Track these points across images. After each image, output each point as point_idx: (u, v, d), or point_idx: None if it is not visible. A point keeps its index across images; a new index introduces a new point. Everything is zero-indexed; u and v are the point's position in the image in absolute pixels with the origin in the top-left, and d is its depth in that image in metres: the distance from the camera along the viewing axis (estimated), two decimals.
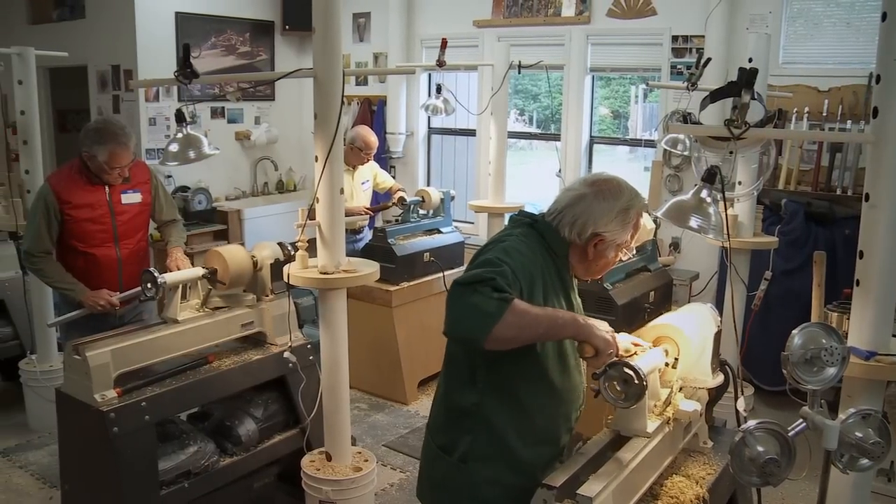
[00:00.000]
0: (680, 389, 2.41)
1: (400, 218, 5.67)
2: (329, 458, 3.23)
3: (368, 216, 5.74)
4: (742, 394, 2.55)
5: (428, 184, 7.66)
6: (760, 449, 1.82)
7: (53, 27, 7.85)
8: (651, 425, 2.22)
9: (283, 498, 3.70)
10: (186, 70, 2.86)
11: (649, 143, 6.44)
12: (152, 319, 3.63)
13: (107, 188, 3.78)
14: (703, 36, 5.75)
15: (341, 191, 3.05)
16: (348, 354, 3.20)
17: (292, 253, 3.36)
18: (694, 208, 2.39)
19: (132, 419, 2.95)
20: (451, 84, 6.86)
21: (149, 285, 3.25)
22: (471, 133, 7.47)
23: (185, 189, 7.15)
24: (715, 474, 2.37)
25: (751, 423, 1.85)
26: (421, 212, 5.72)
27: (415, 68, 6.96)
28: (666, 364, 2.34)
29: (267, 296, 3.58)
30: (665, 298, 4.39)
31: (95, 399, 2.93)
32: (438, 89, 5.63)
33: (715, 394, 2.57)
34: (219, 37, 7.59)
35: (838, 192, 5.19)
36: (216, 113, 7.72)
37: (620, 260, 2.24)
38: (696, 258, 5.98)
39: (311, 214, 3.06)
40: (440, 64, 5.02)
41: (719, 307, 3.05)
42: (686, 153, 4.95)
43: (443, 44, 5.04)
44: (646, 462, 2.16)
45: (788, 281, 5.09)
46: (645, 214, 2.30)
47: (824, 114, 5.27)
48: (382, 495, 4.11)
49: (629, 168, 6.86)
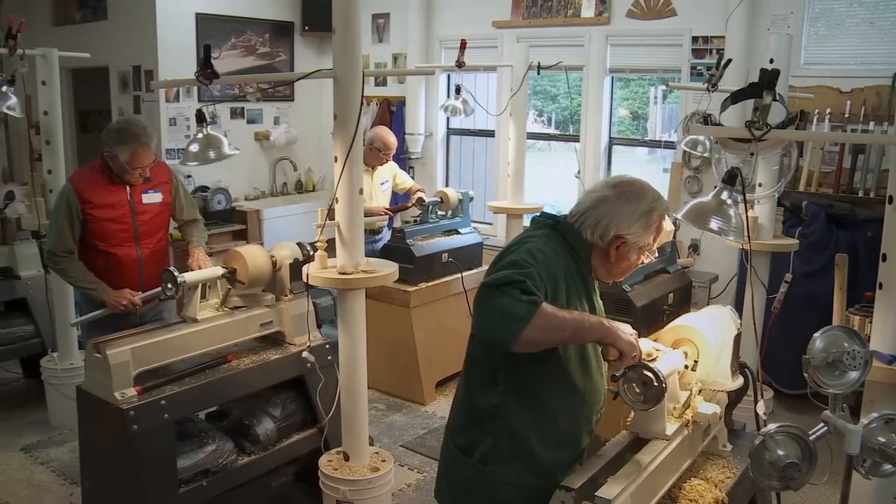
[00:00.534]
0: (699, 392, 2.40)
1: (418, 218, 5.67)
2: (346, 458, 3.23)
3: (387, 216, 5.74)
4: (762, 397, 2.53)
5: (446, 184, 7.67)
6: (781, 453, 1.81)
7: (76, 28, 7.93)
8: (670, 428, 2.21)
9: (301, 497, 3.70)
10: (207, 70, 2.88)
11: (668, 145, 6.41)
12: (172, 318, 3.65)
13: (128, 188, 3.81)
14: (724, 37, 5.72)
15: (360, 191, 3.05)
16: (366, 355, 3.20)
17: (311, 253, 3.37)
18: (714, 210, 2.38)
19: (151, 417, 2.97)
20: (470, 85, 6.88)
21: (168, 285, 3.26)
22: (489, 134, 7.47)
23: (205, 189, 7.19)
24: (734, 478, 2.36)
25: (771, 427, 1.83)
26: (439, 212, 5.72)
27: (434, 69, 6.96)
28: (685, 366, 2.33)
29: (286, 295, 3.59)
30: (684, 300, 4.36)
31: (115, 397, 2.95)
32: (458, 90, 5.63)
33: (734, 396, 2.55)
34: (238, 37, 7.63)
35: (860, 195, 5.14)
36: (236, 113, 7.77)
37: (642, 262, 2.23)
38: (716, 260, 5.94)
39: (331, 214, 3.07)
40: (459, 65, 5.01)
41: (738, 309, 3.03)
42: (706, 155, 4.92)
43: (462, 44, 5.03)
44: (664, 465, 2.15)
45: (809, 283, 5.05)
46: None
47: (846, 115, 5.23)
48: (399, 495, 4.11)
49: (648, 169, 6.83)
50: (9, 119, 8.40)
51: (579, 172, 6.20)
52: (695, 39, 5.95)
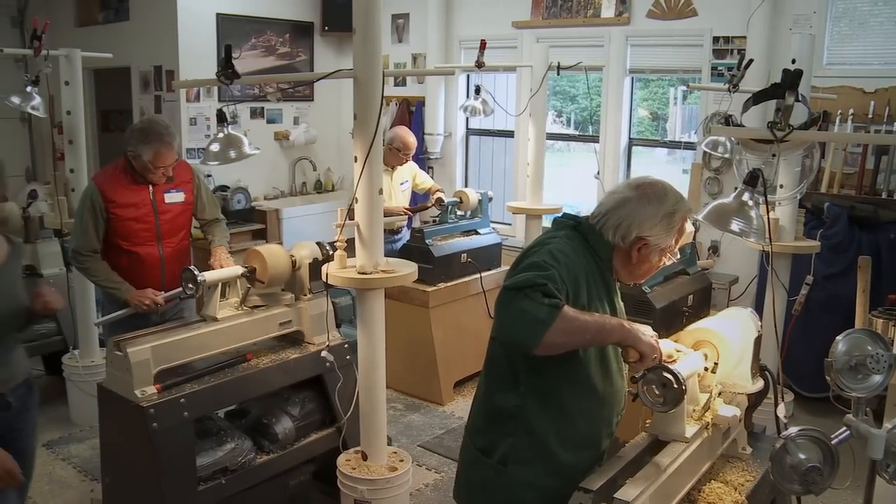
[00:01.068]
0: (719, 394, 2.39)
1: (438, 219, 5.67)
2: (365, 458, 3.24)
3: (407, 216, 5.75)
4: (782, 400, 2.51)
5: (466, 185, 7.66)
6: (802, 456, 1.79)
7: (99, 29, 7.99)
8: (689, 430, 2.20)
9: (319, 496, 3.72)
10: (228, 71, 2.89)
11: (688, 146, 6.38)
12: (192, 317, 3.67)
13: (150, 187, 3.83)
14: (745, 37, 5.68)
15: (380, 191, 3.06)
16: (385, 354, 3.21)
17: (331, 253, 3.38)
18: (735, 211, 2.36)
19: (171, 415, 2.99)
20: (490, 85, 6.87)
21: (189, 284, 3.28)
22: (509, 134, 7.46)
23: (225, 188, 7.22)
24: (754, 481, 2.34)
25: (792, 430, 1.82)
26: (459, 213, 5.72)
27: (454, 69, 6.96)
28: (705, 368, 2.32)
29: (305, 295, 3.60)
30: (704, 302, 4.34)
31: (136, 395, 2.97)
32: (477, 90, 5.63)
33: (754, 399, 2.54)
34: (259, 38, 7.67)
35: (883, 196, 5.09)
36: (256, 113, 7.80)
37: (664, 264, 2.22)
38: (736, 262, 5.91)
39: (350, 214, 3.07)
40: (479, 65, 5.01)
41: (758, 312, 3.02)
42: (726, 156, 4.89)
43: (482, 45, 5.03)
44: (684, 467, 2.14)
45: (830, 286, 5.01)
46: None
47: (870, 115, 5.18)
48: (417, 495, 4.11)
49: (667, 170, 6.79)
50: (32, 119, 8.49)
51: (598, 173, 6.19)
52: (716, 40, 5.91)
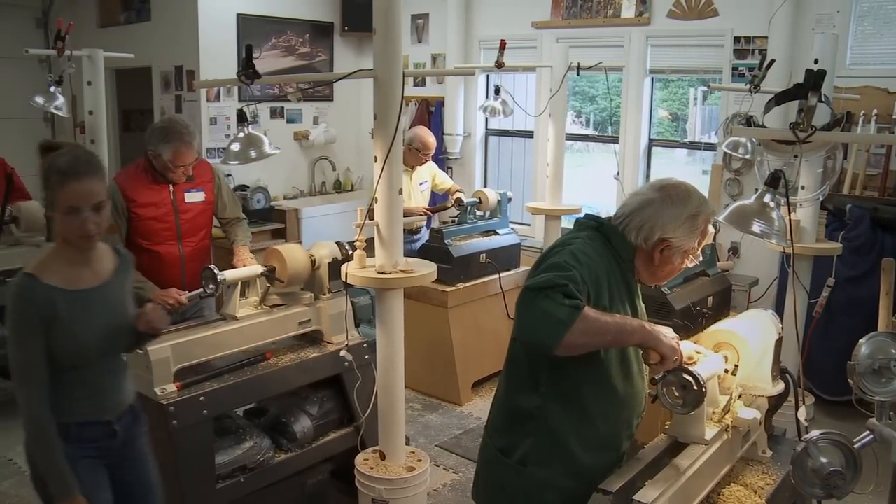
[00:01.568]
0: (739, 397, 2.37)
1: (457, 219, 5.67)
2: (383, 457, 3.24)
3: (426, 217, 5.76)
4: (803, 403, 2.49)
5: (485, 185, 7.65)
6: (824, 460, 1.78)
7: (120, 30, 8.05)
8: (709, 432, 2.19)
9: (336, 495, 3.73)
10: (249, 70, 2.91)
11: (708, 147, 6.35)
12: (212, 316, 3.69)
13: (171, 187, 3.85)
14: (766, 37, 5.64)
15: (400, 191, 3.06)
16: (403, 354, 3.21)
17: (350, 252, 3.39)
18: (757, 213, 2.35)
19: (191, 413, 3.01)
20: (509, 85, 6.86)
21: (209, 283, 3.30)
22: (528, 135, 7.45)
23: (245, 188, 7.26)
24: (774, 484, 2.33)
25: (814, 434, 1.81)
26: (478, 213, 5.72)
27: (474, 69, 6.95)
28: (725, 371, 2.31)
29: (324, 294, 3.61)
30: (723, 304, 4.31)
31: (156, 392, 2.99)
32: (497, 90, 5.63)
33: (775, 402, 2.52)
34: (279, 38, 7.70)
35: None
36: (275, 113, 7.84)
37: (687, 266, 2.21)
38: (756, 263, 5.87)
39: (370, 214, 3.08)
40: (499, 65, 5.01)
41: (778, 314, 2.99)
42: (747, 157, 4.86)
43: (501, 45, 5.03)
44: (703, 470, 2.13)
45: (852, 288, 4.96)
46: None
47: (894, 116, 5.13)
48: (435, 495, 4.12)
49: (687, 171, 6.75)
50: (55, 119, 8.57)
51: (618, 174, 6.18)
52: (737, 40, 5.87)
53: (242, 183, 7.36)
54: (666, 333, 2.03)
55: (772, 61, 4.43)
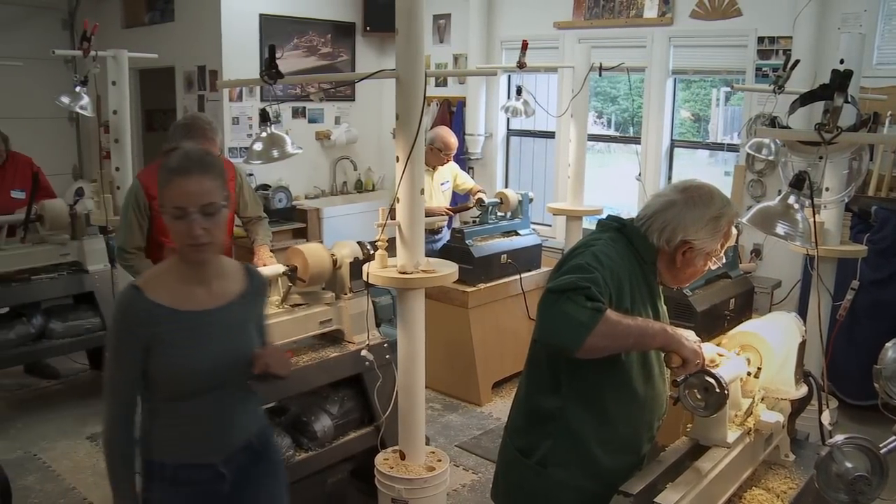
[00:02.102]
0: (762, 400, 2.35)
1: (478, 219, 5.67)
2: (403, 457, 3.25)
3: (448, 217, 5.76)
4: (827, 406, 2.47)
5: (506, 186, 7.64)
6: (849, 465, 1.76)
7: (144, 30, 8.12)
8: (731, 435, 2.17)
9: (356, 495, 3.74)
10: (272, 71, 2.93)
11: (731, 148, 6.30)
12: None
13: None
14: (791, 37, 5.59)
15: (421, 191, 3.06)
16: (424, 354, 3.21)
17: (371, 252, 3.40)
18: (781, 214, 2.34)
19: None
20: (531, 85, 6.85)
21: None
22: (550, 135, 7.43)
23: (266, 187, 7.30)
24: (797, 489, 2.31)
25: (839, 438, 1.79)
26: (499, 213, 5.71)
27: (496, 70, 6.94)
28: (748, 373, 2.29)
29: (345, 294, 3.62)
30: (745, 306, 4.29)
31: None
32: (519, 91, 5.62)
33: (798, 405, 2.50)
34: (301, 38, 7.74)
35: None
36: (297, 113, 7.87)
37: (709, 269, 2.20)
38: (779, 266, 5.82)
39: (392, 214, 3.09)
40: (521, 65, 5.00)
41: (801, 316, 2.97)
42: (770, 158, 4.82)
43: (523, 45, 5.02)
44: (725, 473, 2.11)
45: (877, 291, 4.91)
46: None
47: None
48: (454, 496, 4.11)
49: (709, 172, 6.71)
50: (80, 118, 8.66)
51: (640, 175, 6.14)
52: (760, 40, 5.83)
53: (264, 182, 7.40)
54: (688, 337, 2.02)
55: (796, 61, 4.39)
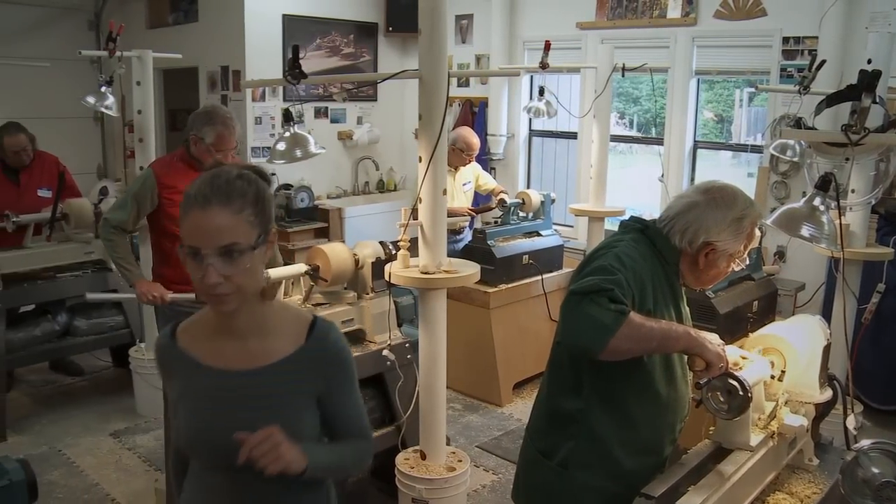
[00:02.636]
0: (785, 403, 2.34)
1: (500, 220, 5.67)
2: (423, 457, 3.25)
3: (470, 217, 5.76)
4: (852, 411, 2.44)
5: (528, 186, 7.63)
6: (876, 471, 1.75)
7: (169, 31, 8.18)
8: (754, 439, 2.16)
9: (376, 494, 3.74)
10: (295, 71, 2.94)
11: (755, 149, 6.25)
12: None
13: None
14: (817, 37, 5.54)
15: (444, 191, 3.07)
16: (445, 355, 3.21)
17: (393, 252, 3.40)
18: (806, 216, 2.32)
19: None
20: (553, 86, 6.83)
21: None
22: (572, 136, 7.41)
23: (289, 187, 7.33)
24: (821, 494, 2.28)
25: (865, 443, 1.78)
26: (521, 214, 5.71)
27: (519, 70, 6.94)
28: (772, 376, 2.27)
29: (367, 294, 3.62)
30: (769, 309, 4.25)
31: None
32: (541, 91, 5.61)
33: (822, 409, 2.47)
34: (323, 38, 7.77)
35: None
36: (320, 113, 7.90)
37: (733, 270, 2.18)
38: (803, 268, 5.77)
39: (414, 214, 3.09)
40: (543, 66, 4.99)
41: (826, 319, 2.94)
42: (795, 159, 4.78)
43: (546, 46, 5.01)
44: (748, 477, 2.10)
45: None
46: None
47: None
48: (474, 496, 4.11)
49: (732, 174, 6.67)
50: (105, 118, 8.75)
51: (663, 176, 6.11)
52: (785, 40, 5.78)
53: (286, 182, 7.43)
54: (712, 340, 2.01)
55: (822, 62, 4.34)
